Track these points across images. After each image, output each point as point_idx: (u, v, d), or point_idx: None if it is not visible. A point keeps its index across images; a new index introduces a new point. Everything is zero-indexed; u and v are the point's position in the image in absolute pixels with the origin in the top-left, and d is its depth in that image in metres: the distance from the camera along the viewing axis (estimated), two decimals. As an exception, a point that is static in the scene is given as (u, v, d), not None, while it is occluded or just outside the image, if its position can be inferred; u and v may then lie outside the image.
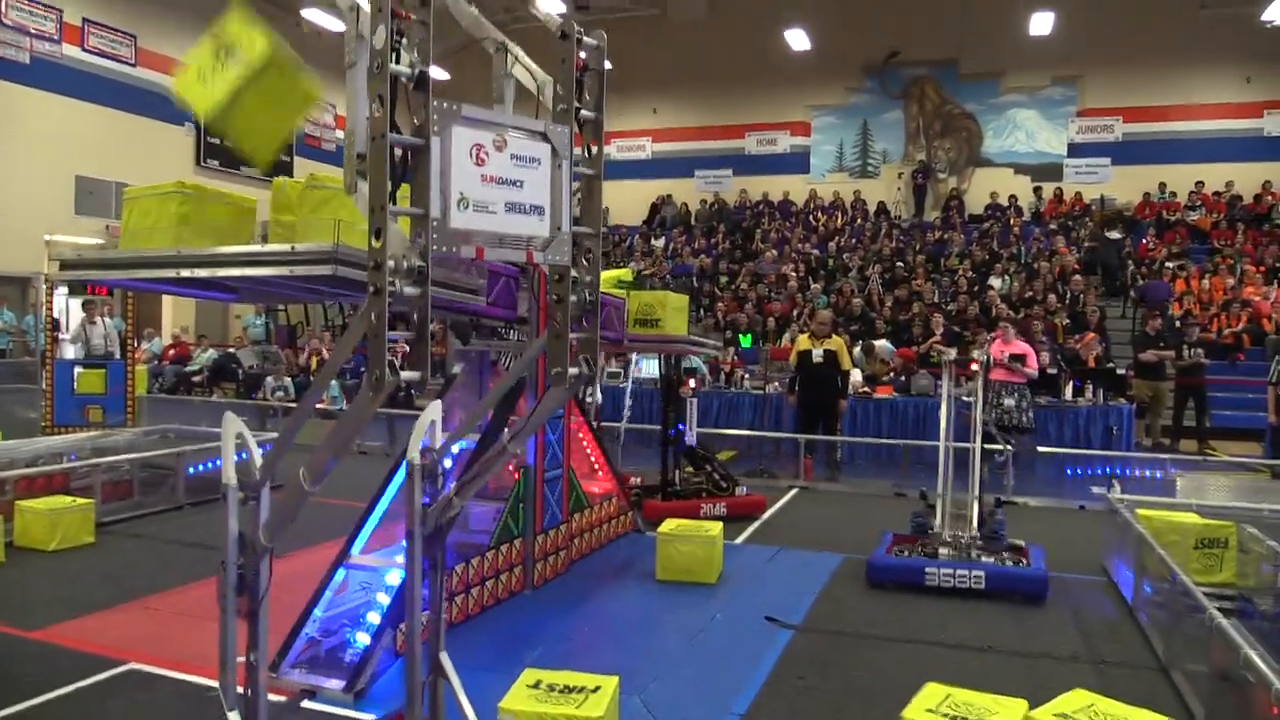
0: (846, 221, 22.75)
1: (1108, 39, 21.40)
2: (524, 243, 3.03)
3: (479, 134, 2.92)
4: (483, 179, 2.91)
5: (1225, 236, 19.15)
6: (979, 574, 6.60)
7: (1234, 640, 3.83)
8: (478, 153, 2.90)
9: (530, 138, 3.01)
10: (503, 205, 2.95)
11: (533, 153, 3.00)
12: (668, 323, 8.73)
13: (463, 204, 2.87)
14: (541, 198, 3.03)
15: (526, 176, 2.99)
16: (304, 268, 4.25)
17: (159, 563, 7.23)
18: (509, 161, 2.95)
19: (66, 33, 18.02)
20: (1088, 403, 12.18)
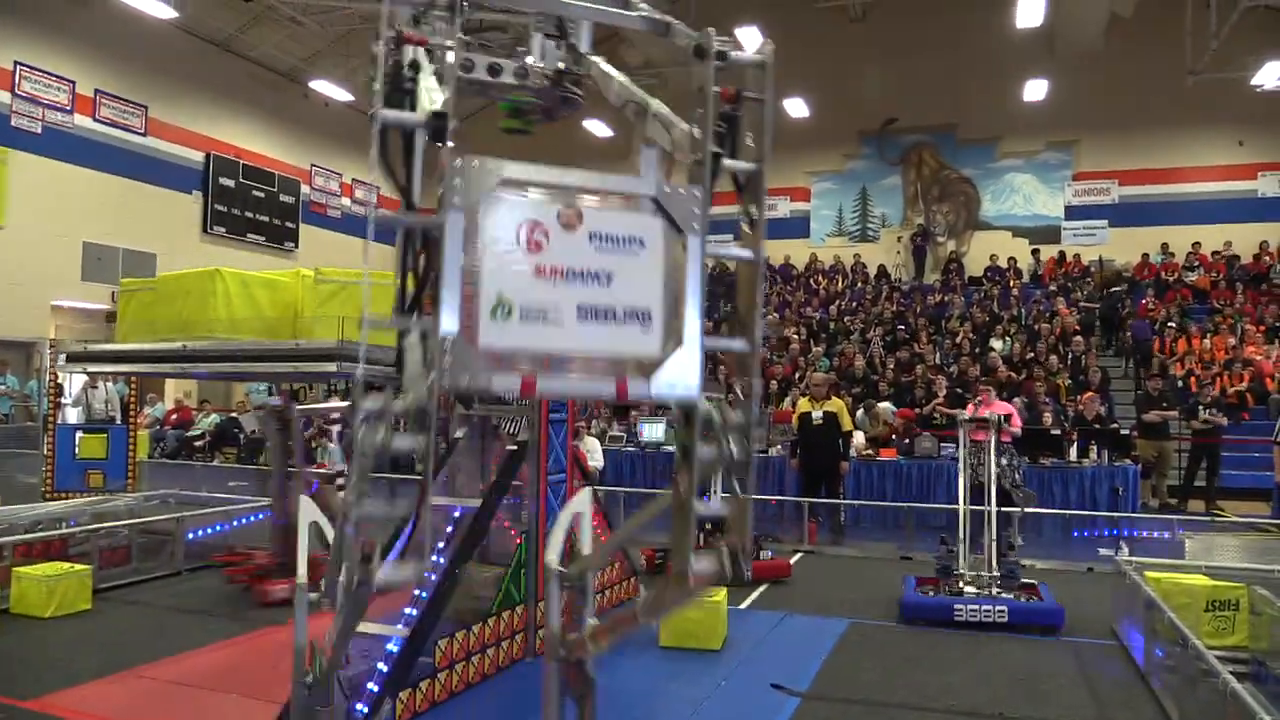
0: (847, 285, 22.90)
1: (1101, 104, 21.76)
2: (612, 368, 2.08)
3: (532, 205, 2.08)
4: (538, 272, 2.04)
5: (1224, 296, 19.24)
6: (1002, 609, 7.23)
7: (1249, 706, 3.76)
8: (529, 233, 2.05)
9: (626, 207, 2.14)
10: (572, 311, 2.05)
11: (631, 229, 2.12)
12: None
13: (501, 311, 2.01)
14: (646, 296, 2.12)
15: (619, 265, 2.09)
16: (309, 365, 4.31)
17: (156, 630, 7.14)
18: (586, 244, 2.07)
19: (79, 103, 18.37)
20: (1092, 463, 12.12)
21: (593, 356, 2.07)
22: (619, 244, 2.12)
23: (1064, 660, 6.58)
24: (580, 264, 2.08)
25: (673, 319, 2.15)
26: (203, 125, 20.96)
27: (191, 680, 5.91)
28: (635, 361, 2.11)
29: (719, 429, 2.34)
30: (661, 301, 2.14)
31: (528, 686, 5.89)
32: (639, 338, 2.12)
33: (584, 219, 2.09)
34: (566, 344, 2.05)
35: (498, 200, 2.06)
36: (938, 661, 6.52)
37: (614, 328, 2.09)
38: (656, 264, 2.15)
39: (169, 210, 20.01)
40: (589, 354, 2.07)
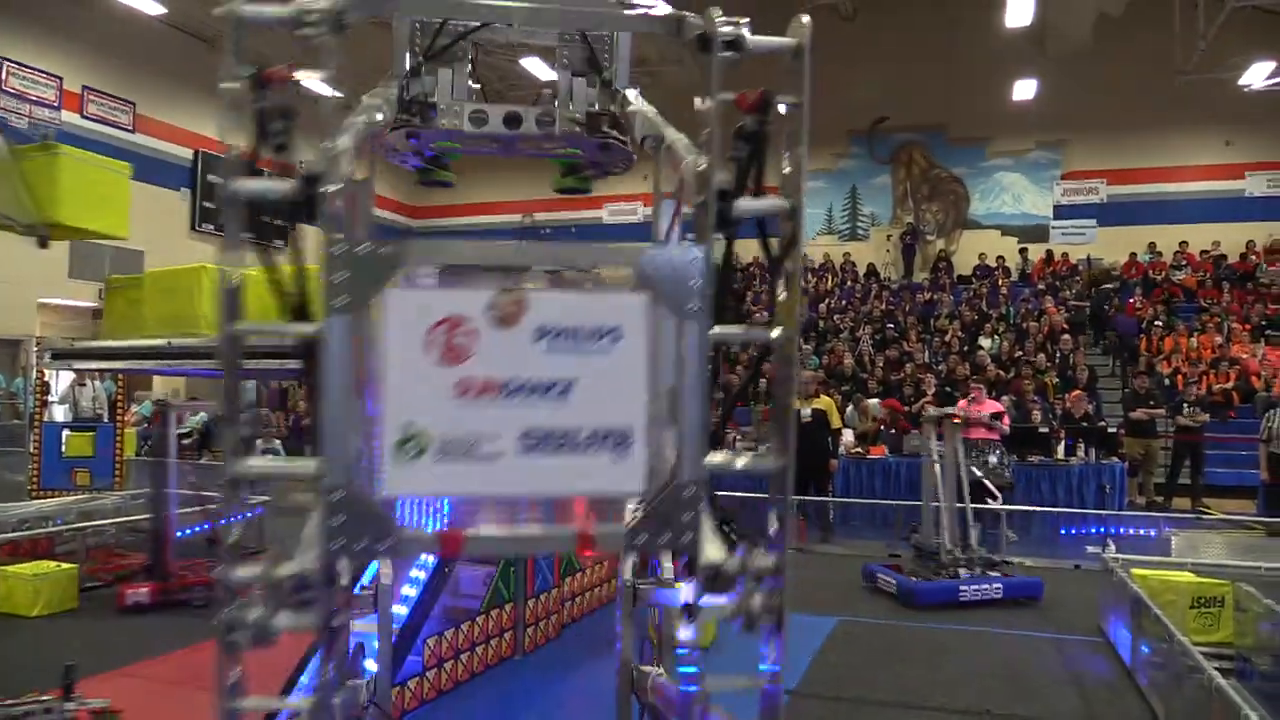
0: (837, 283, 22.93)
1: (1090, 104, 21.84)
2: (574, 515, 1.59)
3: (451, 296, 1.51)
4: (461, 388, 1.48)
5: (1211, 295, 19.35)
6: (997, 585, 8.13)
7: (1234, 702, 3.79)
8: (448, 335, 1.48)
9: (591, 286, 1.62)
10: (513, 440, 1.49)
11: (599, 316, 1.50)
12: None
13: (412, 446, 1.47)
14: (623, 410, 1.51)
15: (581, 370, 1.50)
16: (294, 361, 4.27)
17: (142, 629, 7.11)
18: (531, 345, 1.49)
19: (66, 100, 18.26)
20: (1080, 461, 12.17)
21: (544, 499, 1.53)
22: (580, 339, 1.49)
23: (1051, 657, 6.61)
24: (524, 373, 1.49)
25: (659, 442, 1.55)
26: (191, 122, 20.86)
27: (181, 678, 5.89)
28: (610, 505, 1.58)
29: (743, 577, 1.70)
30: (645, 416, 1.53)
31: (517, 684, 5.89)
32: (609, 470, 1.53)
33: (527, 308, 1.48)
34: (505, 486, 1.50)
35: (399, 295, 1.49)
36: (926, 658, 6.54)
37: (574, 459, 1.50)
38: (638, 363, 1.52)
39: (157, 207, 19.89)
40: (539, 496, 1.53)
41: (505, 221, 26.71)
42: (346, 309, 1.47)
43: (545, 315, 1.48)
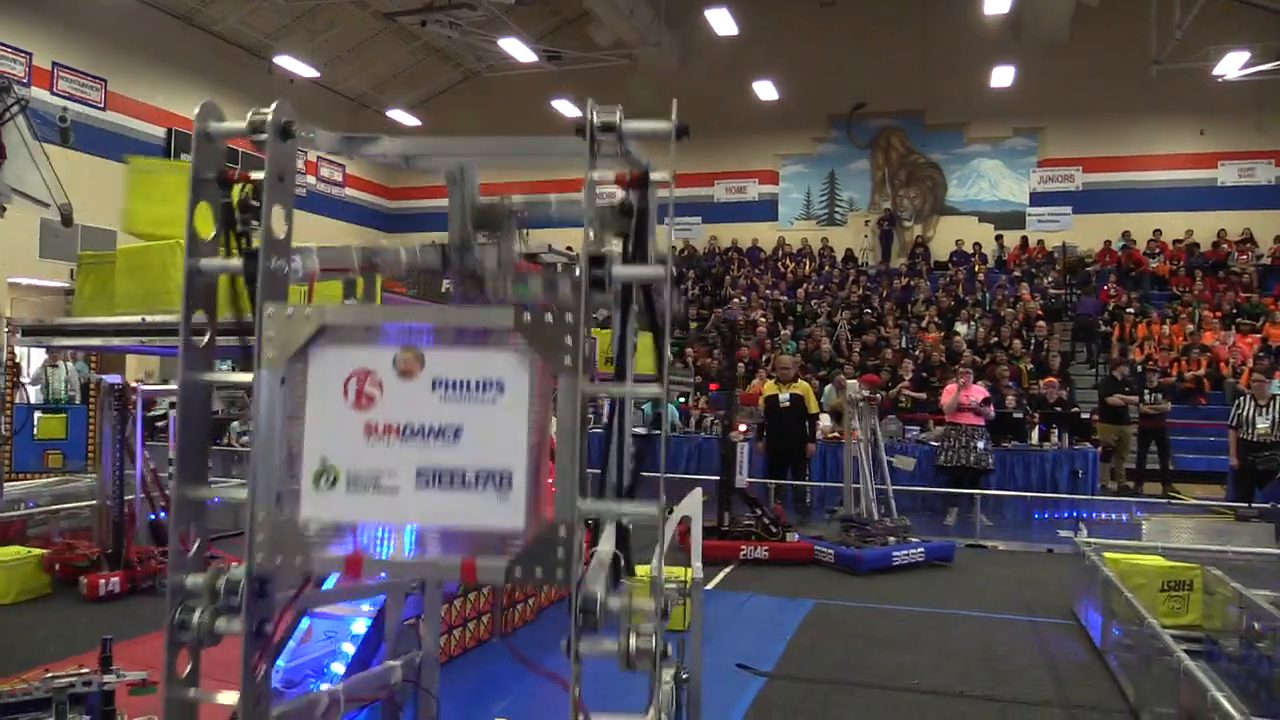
0: (815, 268, 23.00)
1: (1067, 91, 21.97)
2: (461, 542, 1.73)
3: (362, 352, 1.75)
4: (369, 430, 1.74)
5: (1184, 283, 19.56)
6: (920, 550, 9.03)
7: (1202, 682, 3.85)
8: (360, 385, 1.74)
9: (478, 345, 1.74)
10: (410, 476, 1.73)
11: (485, 370, 1.72)
12: (637, 362, 8.76)
13: (326, 478, 1.74)
14: (505, 454, 1.72)
15: (470, 417, 1.72)
16: None
17: (116, 612, 7.06)
18: (428, 394, 1.73)
19: (35, 76, 17.94)
20: (1053, 447, 12.30)
21: (437, 530, 1.72)
22: (469, 390, 1.72)
23: (1024, 640, 6.70)
24: (421, 418, 1.73)
25: (538, 484, 1.73)
26: (164, 100, 20.56)
27: (155, 662, 5.85)
28: (494, 538, 1.71)
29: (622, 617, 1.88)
30: (526, 460, 1.72)
31: (494, 667, 5.90)
32: (494, 507, 1.71)
33: (425, 364, 1.72)
34: (403, 517, 1.72)
35: (318, 352, 1.75)
36: (900, 641, 6.61)
37: (462, 495, 1.71)
38: (520, 413, 1.71)
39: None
40: (430, 527, 1.72)
41: (483, 204, 26.56)
42: (275, 363, 1.78)
43: (440, 369, 1.73)
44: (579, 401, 1.74)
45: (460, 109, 26.21)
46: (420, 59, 24.93)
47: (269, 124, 1.95)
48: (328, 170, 25.69)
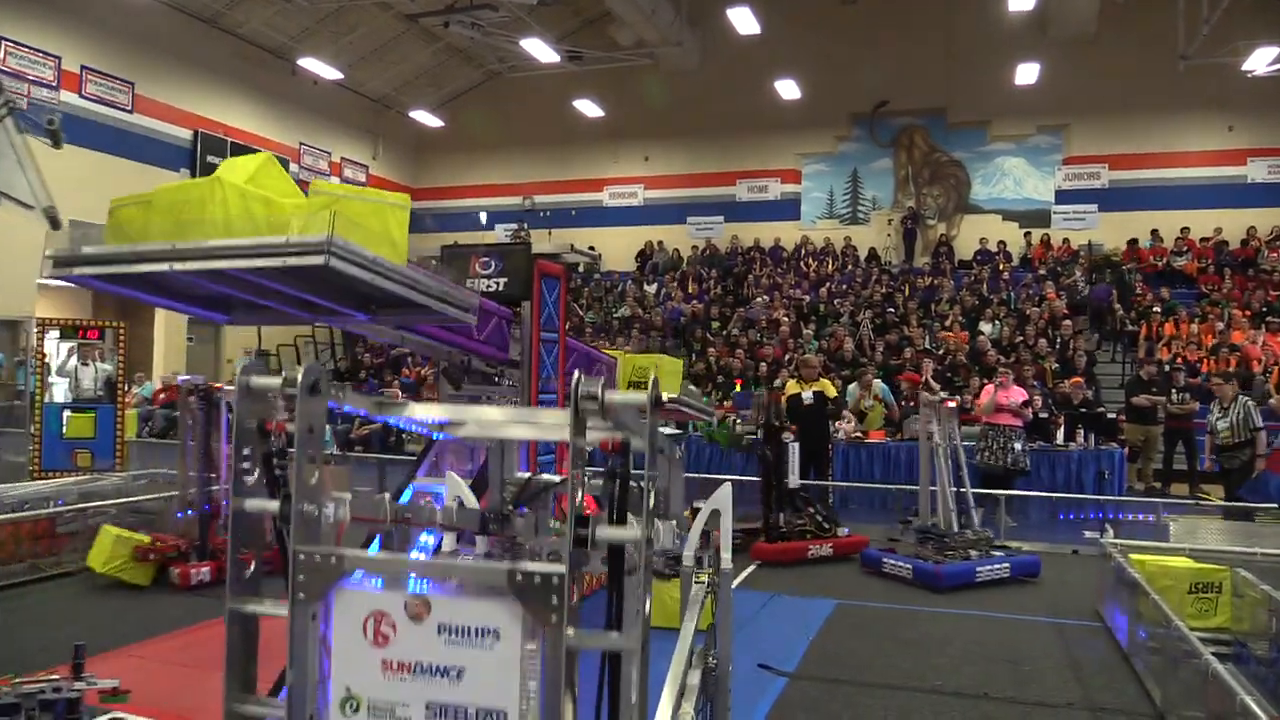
0: (837, 267, 22.90)
1: (1092, 88, 21.75)
2: None
3: (378, 596, 1.97)
4: (385, 666, 1.95)
5: (1212, 281, 19.32)
6: (1005, 565, 8.45)
7: (1230, 686, 3.81)
8: (376, 625, 1.96)
9: (479, 596, 1.92)
10: (421, 709, 1.96)
11: (483, 619, 1.91)
12: (663, 384, 8.76)
13: (350, 706, 1.98)
14: (500, 695, 1.92)
15: (470, 660, 1.92)
16: (296, 258, 4.18)
17: (145, 610, 7.14)
18: (435, 637, 1.93)
19: (64, 79, 18.17)
20: (1079, 447, 12.19)
21: None
22: (470, 636, 1.91)
23: (1048, 641, 6.65)
24: (429, 658, 1.93)
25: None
26: (190, 102, 20.76)
27: (182, 659, 5.93)
28: None
29: None
30: (517, 702, 1.91)
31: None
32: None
33: (432, 609, 1.92)
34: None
35: (343, 592, 1.99)
36: (923, 642, 6.57)
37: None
38: (512, 659, 1.90)
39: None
40: None
41: (504, 204, 26.65)
42: (307, 600, 2.00)
43: (445, 615, 1.92)
44: (564, 655, 1.90)
45: (482, 109, 26.31)
46: (442, 60, 25.03)
47: (299, 383, 2.13)
48: (351, 171, 25.83)
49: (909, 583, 8.26)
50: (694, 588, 3.20)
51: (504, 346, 6.52)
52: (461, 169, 27.44)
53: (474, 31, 21.32)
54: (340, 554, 1.99)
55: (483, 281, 6.59)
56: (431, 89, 25.91)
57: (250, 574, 2.19)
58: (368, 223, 4.59)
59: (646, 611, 2.13)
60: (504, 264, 6.57)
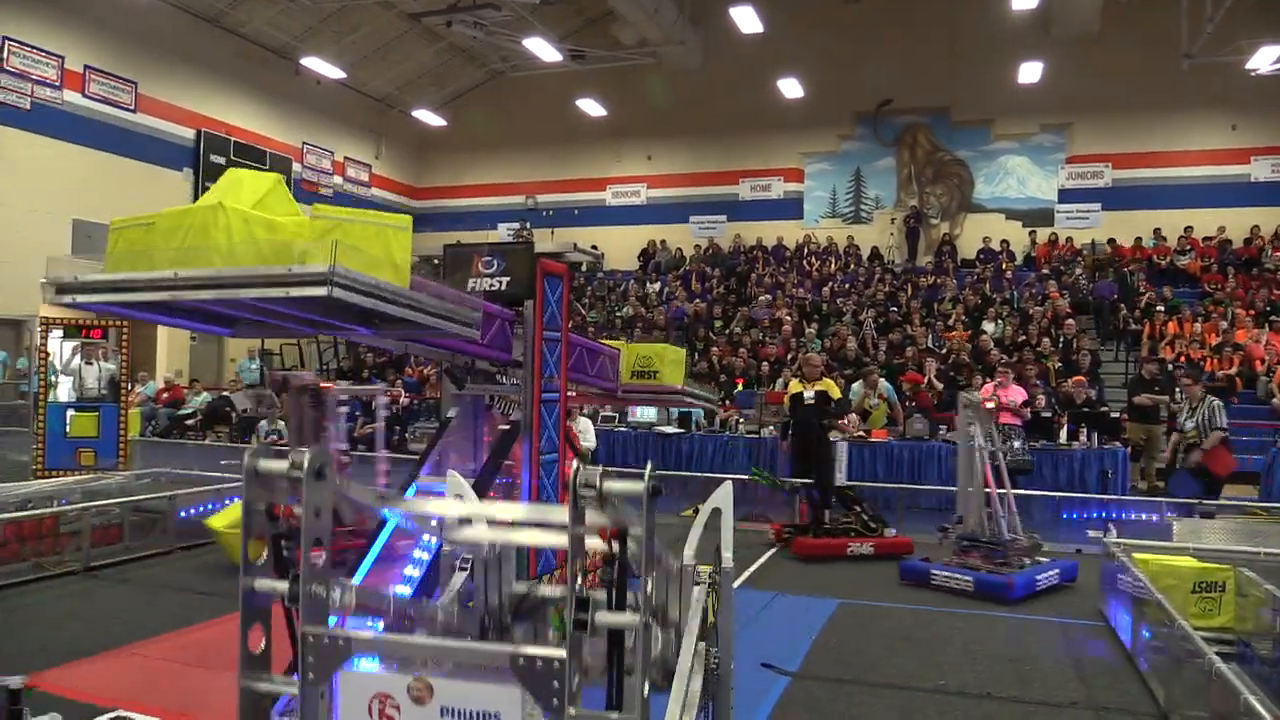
0: (840, 266, 22.88)
1: (1096, 87, 21.73)
2: None
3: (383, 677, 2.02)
4: None
5: (1216, 281, 19.28)
6: (1056, 571, 8.19)
7: (1234, 686, 3.80)
8: (381, 707, 2.00)
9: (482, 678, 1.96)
10: None
11: (486, 702, 1.95)
12: (665, 375, 8.78)
13: None
14: None
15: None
16: (299, 289, 4.25)
17: (148, 608, 7.15)
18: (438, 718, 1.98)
19: (68, 79, 18.21)
20: (1082, 446, 12.17)
21: None
22: (472, 719, 1.95)
23: (1051, 640, 6.64)
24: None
25: None
26: (193, 102, 20.80)
27: (184, 658, 5.93)
28: None
29: None
30: None
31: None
32: None
33: (434, 692, 1.95)
34: None
35: (348, 675, 2.03)
36: (926, 641, 6.57)
37: None
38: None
39: (160, 187, 19.86)
40: None
41: (507, 203, 26.66)
42: (315, 680, 2.05)
43: (447, 698, 1.95)
44: None
45: (485, 109, 26.31)
46: (445, 59, 25.05)
47: (305, 469, 2.18)
48: (354, 170, 25.86)
49: (970, 595, 7.78)
50: (695, 588, 3.20)
51: (507, 348, 6.52)
52: (464, 168, 27.46)
53: (476, 31, 21.33)
54: (347, 636, 2.04)
55: (485, 281, 6.59)
56: (434, 88, 25.92)
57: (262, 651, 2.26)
58: (369, 246, 4.66)
59: (645, 694, 2.15)
60: (506, 263, 6.57)
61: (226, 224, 4.41)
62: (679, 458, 13.52)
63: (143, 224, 4.78)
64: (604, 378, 8.28)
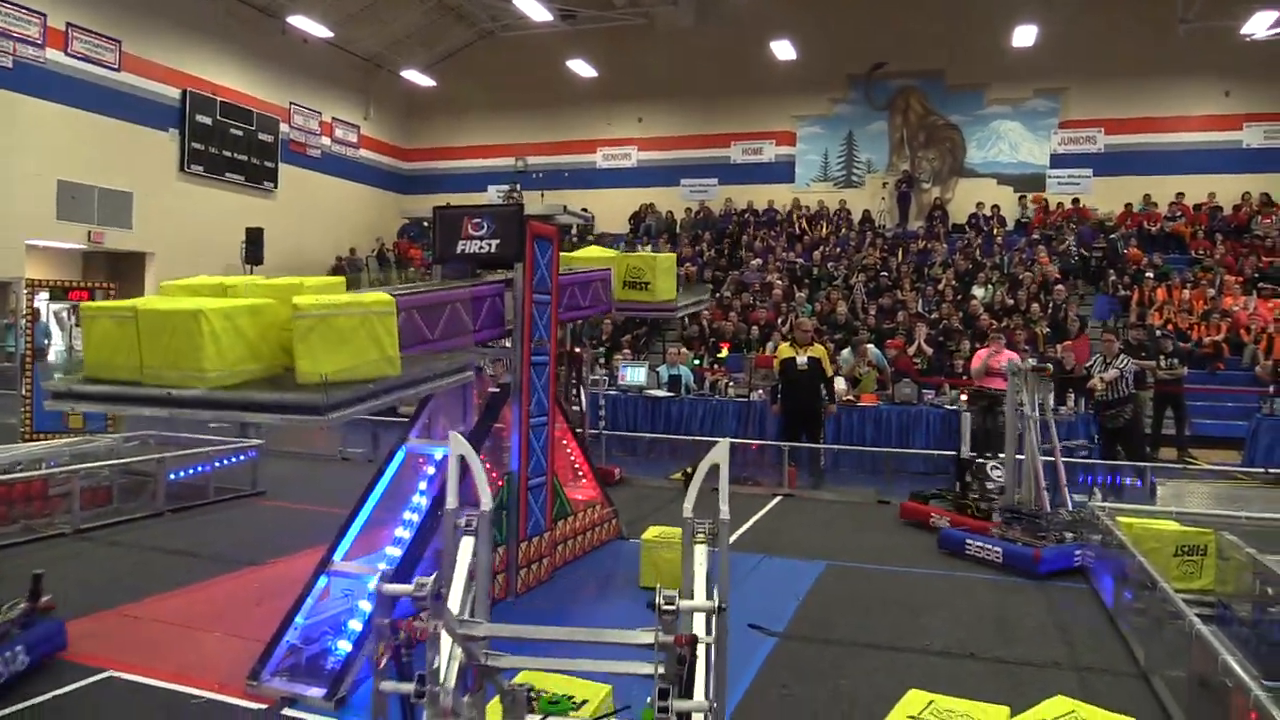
0: (831, 231, 22.82)
1: (1090, 51, 21.59)
2: None
3: None
4: None
5: (1204, 247, 19.32)
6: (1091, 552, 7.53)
7: (1213, 646, 3.87)
8: None
9: None
10: None
11: None
12: (657, 285, 8.77)
13: None
14: None
15: None
16: (298, 417, 4.45)
17: (138, 570, 7.18)
18: None
19: (50, 37, 17.90)
20: (1069, 411, 12.24)
21: None
22: None
23: (1035, 602, 6.72)
24: None
25: None
26: (178, 61, 20.48)
27: (175, 619, 5.97)
28: None
29: None
30: None
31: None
32: None
33: None
34: None
35: None
36: (911, 602, 6.65)
37: None
38: None
39: (145, 148, 19.63)
40: None
41: (497, 165, 26.46)
42: None
43: None
44: None
45: (474, 69, 26.03)
46: (434, 18, 24.70)
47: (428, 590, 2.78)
48: (342, 131, 25.60)
49: (998, 566, 7.60)
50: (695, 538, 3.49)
51: (499, 322, 6.52)
52: (454, 130, 27.20)
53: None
54: None
55: (475, 243, 6.57)
56: (423, 48, 25.59)
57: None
58: (355, 337, 4.72)
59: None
60: (496, 225, 6.55)
61: (211, 329, 4.42)
62: (668, 421, 13.56)
63: (119, 315, 4.74)
64: (596, 301, 8.32)
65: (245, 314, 4.61)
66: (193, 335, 4.41)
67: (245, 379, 4.53)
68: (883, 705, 3.92)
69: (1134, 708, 4.41)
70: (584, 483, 8.42)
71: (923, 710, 3.70)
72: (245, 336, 4.57)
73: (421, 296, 5.69)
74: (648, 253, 10.81)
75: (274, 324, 4.72)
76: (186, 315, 4.45)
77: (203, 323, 4.40)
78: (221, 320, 4.47)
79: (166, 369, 4.50)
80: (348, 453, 12.52)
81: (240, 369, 4.52)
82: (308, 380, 4.43)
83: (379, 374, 4.75)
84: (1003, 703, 3.87)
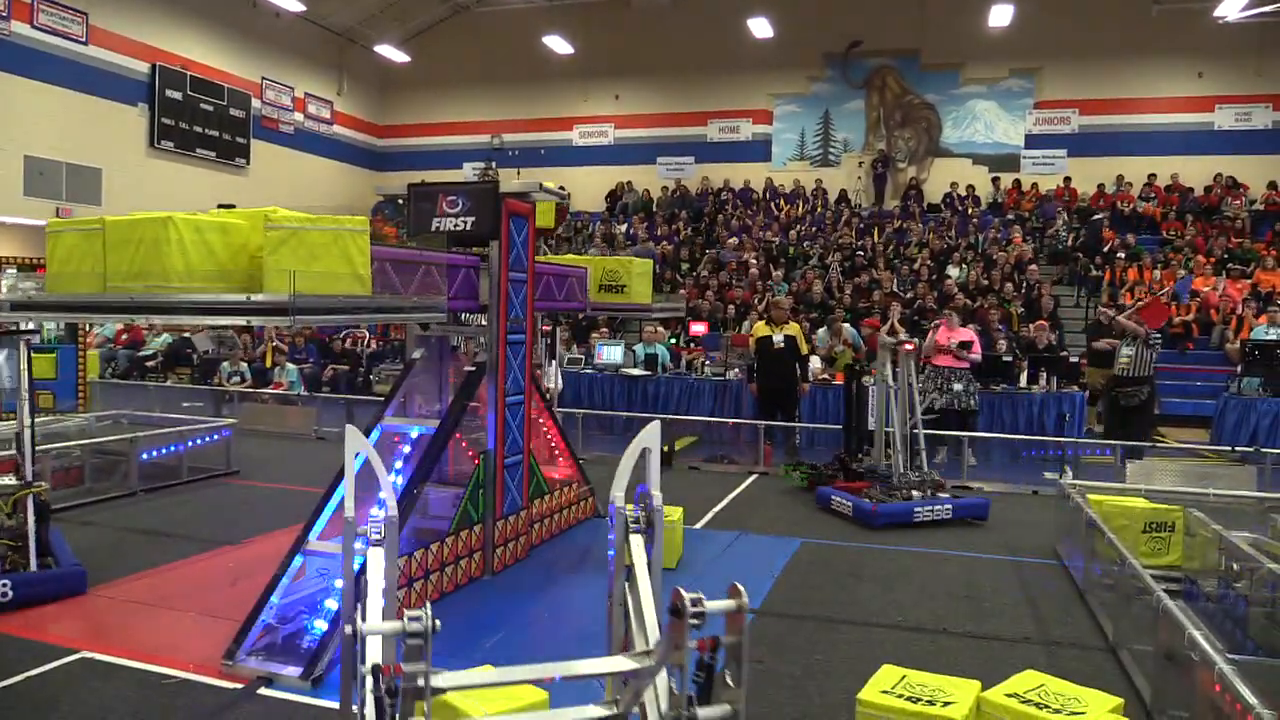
0: (807, 210, 22.86)
1: (1065, 32, 21.69)
2: None
3: None
4: None
5: (1175, 228, 19.52)
6: (947, 507, 8.52)
7: (1179, 621, 3.93)
8: None
9: None
10: None
11: None
12: (633, 289, 8.81)
13: None
14: None
15: None
16: (260, 318, 4.32)
17: (111, 551, 7.12)
18: None
19: (15, 9, 17.53)
20: (1041, 389, 12.37)
21: None
22: None
23: (1006, 578, 6.81)
24: None
25: None
26: (147, 34, 20.13)
27: (148, 599, 5.93)
28: None
29: None
30: None
31: (486, 604, 5.99)
32: None
33: None
34: None
35: None
36: (885, 579, 6.72)
37: None
38: None
39: (114, 123, 19.32)
40: None
41: (473, 142, 26.27)
42: None
43: None
44: None
45: (449, 45, 25.77)
46: (411, -8, 24.43)
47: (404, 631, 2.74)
48: (315, 107, 25.29)
49: (848, 519, 8.52)
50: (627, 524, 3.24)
51: (474, 295, 6.49)
52: (429, 106, 26.95)
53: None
54: None
55: (450, 220, 6.52)
56: (397, 23, 25.30)
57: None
58: (328, 253, 4.66)
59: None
60: (471, 203, 6.50)
61: (179, 238, 4.34)
62: (645, 399, 13.58)
63: (86, 229, 4.66)
64: (572, 299, 8.33)
65: (215, 229, 4.53)
66: (160, 244, 4.34)
67: None
68: (857, 680, 3.97)
69: (1102, 681, 4.49)
70: (560, 461, 8.43)
71: (896, 685, 3.75)
72: (214, 252, 4.48)
73: (397, 250, 5.65)
74: (624, 256, 10.88)
75: (243, 247, 4.63)
76: (155, 223, 4.39)
77: (170, 230, 4.34)
78: (190, 231, 4.40)
79: (131, 280, 4.43)
80: (322, 431, 12.47)
81: (207, 286, 4.43)
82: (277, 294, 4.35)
83: (349, 291, 4.71)
84: (974, 677, 3.92)
